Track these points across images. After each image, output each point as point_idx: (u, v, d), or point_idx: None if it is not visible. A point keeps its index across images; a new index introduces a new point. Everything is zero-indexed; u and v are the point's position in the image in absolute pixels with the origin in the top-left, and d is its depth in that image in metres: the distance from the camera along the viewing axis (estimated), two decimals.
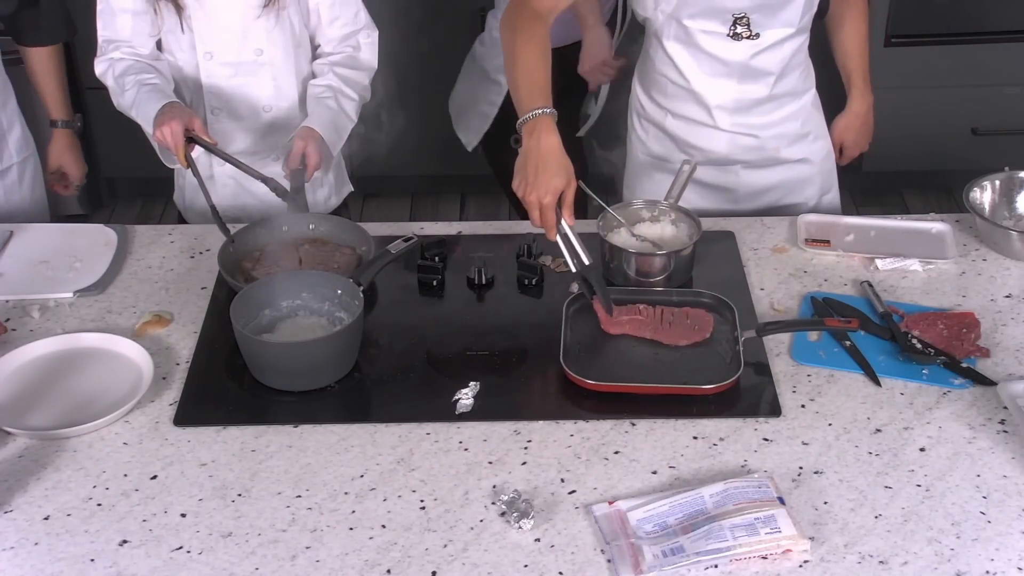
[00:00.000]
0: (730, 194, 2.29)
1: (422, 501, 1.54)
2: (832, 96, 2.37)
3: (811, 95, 2.26)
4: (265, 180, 2.04)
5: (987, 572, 1.42)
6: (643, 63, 2.28)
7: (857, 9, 2.31)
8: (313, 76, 2.27)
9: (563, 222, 1.77)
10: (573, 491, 1.55)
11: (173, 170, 2.35)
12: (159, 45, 2.23)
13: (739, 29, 2.06)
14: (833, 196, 2.35)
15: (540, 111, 1.79)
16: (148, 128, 2.08)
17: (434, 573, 1.43)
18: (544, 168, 1.75)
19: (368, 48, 2.28)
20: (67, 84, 2.49)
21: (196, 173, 2.04)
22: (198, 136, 2.02)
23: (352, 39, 2.26)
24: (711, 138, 2.22)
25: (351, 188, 2.48)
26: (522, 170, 1.77)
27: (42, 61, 2.42)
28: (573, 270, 1.81)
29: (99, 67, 2.21)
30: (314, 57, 2.29)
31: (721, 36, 2.08)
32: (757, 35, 2.07)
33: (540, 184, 1.74)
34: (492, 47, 3.00)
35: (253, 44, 2.19)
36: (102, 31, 2.21)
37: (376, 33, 2.29)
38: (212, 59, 2.19)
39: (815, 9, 2.11)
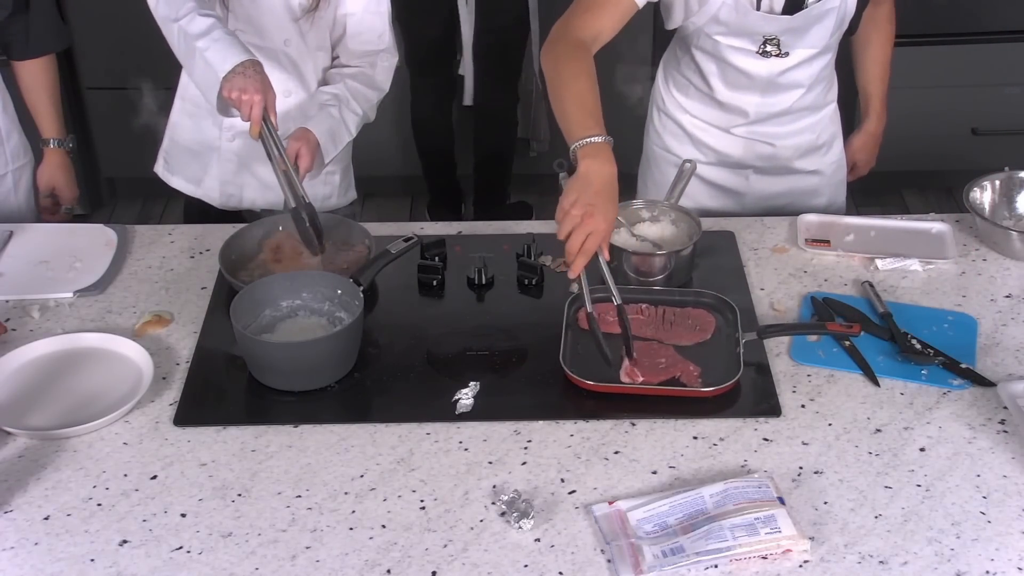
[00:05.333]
0: (738, 198, 2.29)
1: (422, 501, 1.54)
2: (845, 108, 2.35)
3: (831, 108, 2.26)
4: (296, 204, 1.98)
5: (987, 572, 1.42)
6: (670, 59, 2.27)
7: (884, 34, 2.30)
8: (325, 83, 2.26)
9: (600, 258, 1.71)
10: (573, 491, 1.55)
11: (160, 136, 2.31)
12: None
13: (768, 48, 2.05)
14: (839, 209, 2.35)
15: (599, 138, 1.74)
16: (216, 71, 1.93)
17: (434, 573, 1.43)
18: (608, 196, 1.70)
19: (384, 71, 2.27)
20: (60, 100, 2.39)
21: (267, 147, 1.96)
22: (267, 115, 1.94)
23: (371, 57, 2.26)
24: (728, 142, 2.23)
25: (355, 195, 2.47)
26: (580, 192, 1.69)
27: (33, 75, 2.33)
28: (615, 302, 1.75)
29: None
30: (331, 66, 2.28)
31: (750, 53, 2.07)
32: (786, 54, 2.07)
33: (601, 211, 1.67)
34: None
35: (283, 35, 2.19)
36: None
37: (395, 59, 2.28)
38: (241, 36, 2.18)
39: (845, 28, 2.10)
